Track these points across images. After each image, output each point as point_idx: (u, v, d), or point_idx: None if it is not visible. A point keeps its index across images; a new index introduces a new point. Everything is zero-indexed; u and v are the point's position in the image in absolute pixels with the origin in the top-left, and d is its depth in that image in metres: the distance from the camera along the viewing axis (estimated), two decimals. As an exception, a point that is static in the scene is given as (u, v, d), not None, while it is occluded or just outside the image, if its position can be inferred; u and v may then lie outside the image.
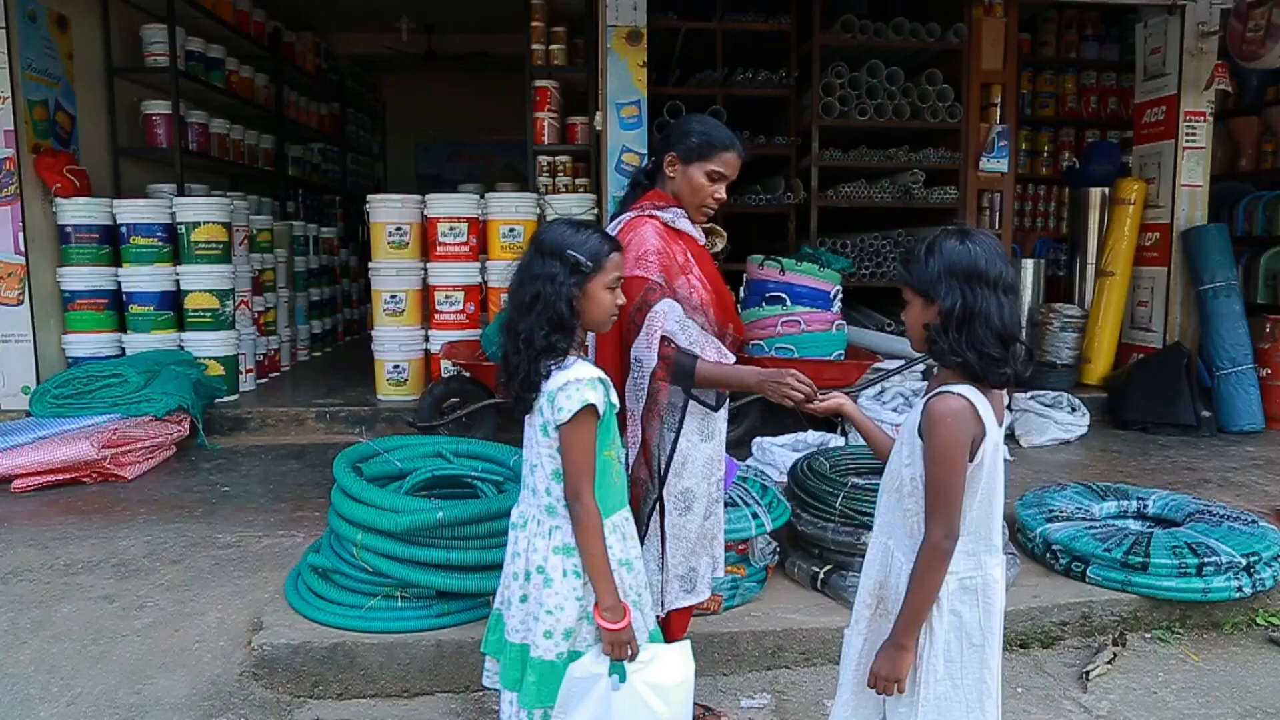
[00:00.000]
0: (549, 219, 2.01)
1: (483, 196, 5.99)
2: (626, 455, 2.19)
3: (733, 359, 2.32)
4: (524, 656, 1.96)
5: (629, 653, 1.90)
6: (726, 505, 3.10)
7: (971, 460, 1.72)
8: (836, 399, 2.11)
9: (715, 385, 2.25)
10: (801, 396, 2.12)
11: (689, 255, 2.31)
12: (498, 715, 2.71)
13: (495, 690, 2.12)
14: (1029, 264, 7.00)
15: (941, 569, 1.72)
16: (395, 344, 5.88)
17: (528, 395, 1.93)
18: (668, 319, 2.19)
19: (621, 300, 2.02)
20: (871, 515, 3.17)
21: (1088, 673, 2.89)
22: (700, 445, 2.31)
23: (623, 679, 1.89)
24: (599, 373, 1.94)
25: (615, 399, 1.97)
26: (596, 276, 1.93)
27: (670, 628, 2.36)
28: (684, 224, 2.35)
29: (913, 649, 1.75)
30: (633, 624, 1.92)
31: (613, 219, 2.42)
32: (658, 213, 2.31)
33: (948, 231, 1.78)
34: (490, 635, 2.09)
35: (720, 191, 2.35)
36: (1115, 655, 3.01)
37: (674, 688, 1.94)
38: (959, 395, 1.70)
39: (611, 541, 1.95)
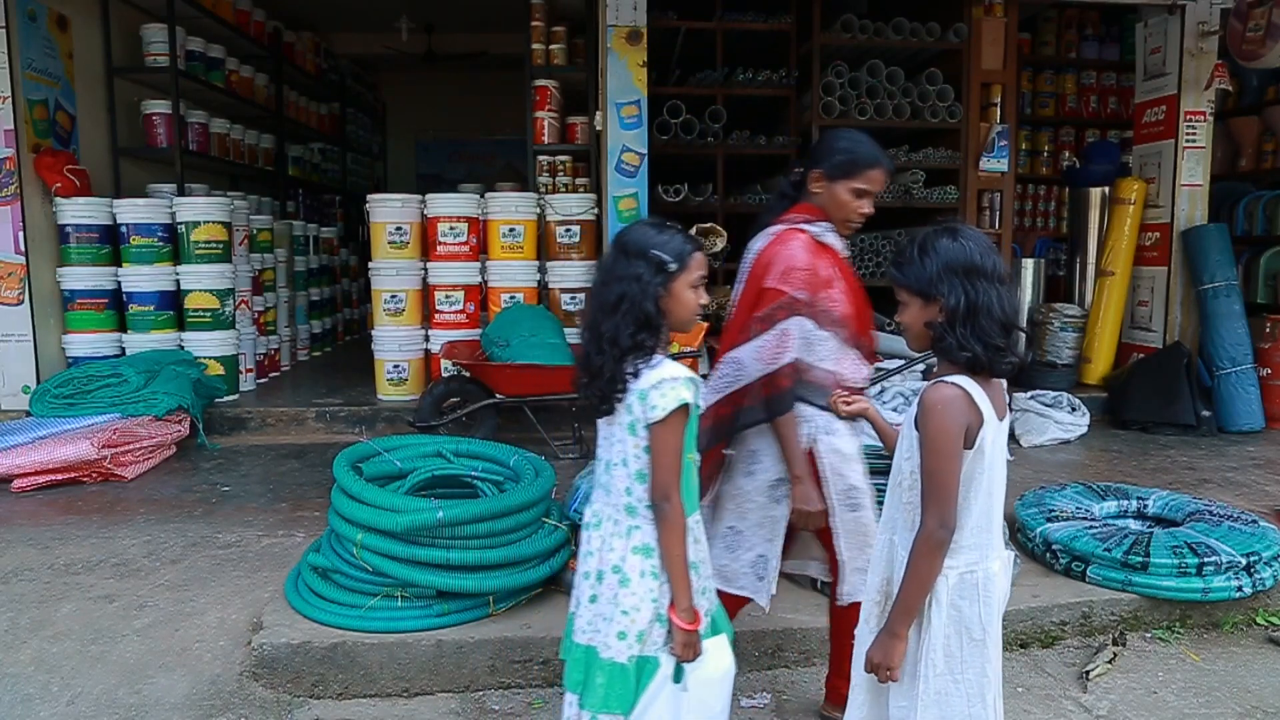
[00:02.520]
0: (629, 226, 2.00)
1: (483, 196, 5.99)
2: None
3: (868, 371, 2.41)
4: (590, 658, 1.92)
5: (693, 655, 1.89)
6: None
7: (971, 448, 1.73)
8: (862, 403, 2.15)
9: (783, 439, 2.30)
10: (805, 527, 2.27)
11: (834, 269, 2.37)
12: (497, 715, 2.72)
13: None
14: (1029, 264, 7.00)
15: (936, 558, 1.73)
16: (395, 344, 5.88)
17: (613, 395, 1.90)
18: (794, 340, 2.26)
19: (705, 300, 2.01)
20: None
21: (1088, 672, 2.89)
22: (851, 439, 2.38)
23: (679, 680, 1.88)
24: (690, 372, 1.92)
25: (702, 401, 1.97)
26: (681, 276, 1.92)
27: (848, 620, 2.31)
28: (830, 238, 2.40)
29: (906, 637, 1.76)
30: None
31: (760, 227, 2.48)
32: (807, 227, 2.36)
33: (936, 230, 1.79)
34: (566, 639, 2.05)
35: (866, 207, 2.39)
36: (1115, 655, 3.01)
37: (721, 679, 1.95)
38: (952, 384, 1.73)
39: (687, 543, 1.94)
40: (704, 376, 4.71)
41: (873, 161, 2.37)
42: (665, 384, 1.85)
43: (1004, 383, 1.85)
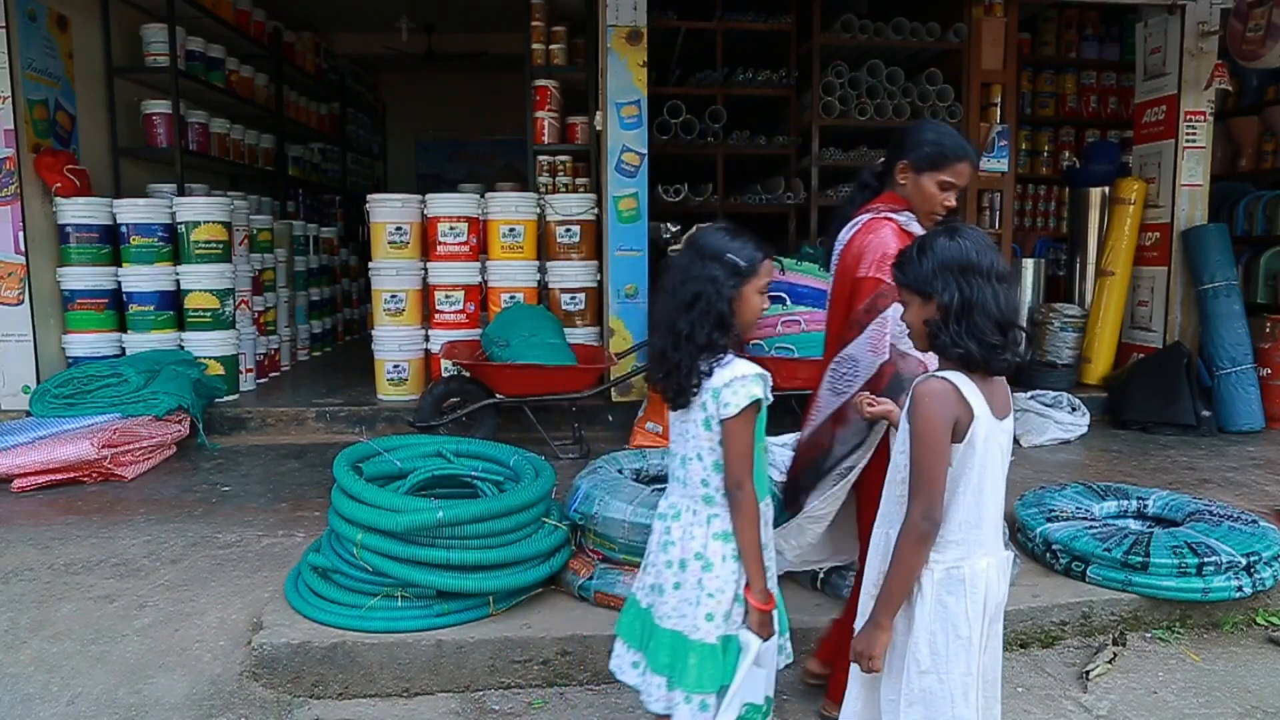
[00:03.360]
0: (705, 230, 2.09)
1: (483, 196, 5.99)
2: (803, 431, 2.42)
3: None
4: (678, 641, 2.01)
5: (769, 634, 2.01)
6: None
7: (960, 443, 1.75)
8: (886, 405, 2.18)
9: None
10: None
11: None
12: (497, 715, 2.72)
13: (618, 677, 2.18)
14: (1029, 264, 7.00)
15: (919, 550, 1.76)
16: (395, 344, 5.88)
17: (688, 389, 1.99)
18: (892, 326, 2.27)
19: (767, 305, 2.09)
20: (871, 515, 3.18)
21: (1088, 673, 2.89)
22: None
23: (756, 660, 2.01)
24: (760, 369, 2.01)
25: (771, 395, 2.06)
26: (752, 280, 2.01)
27: None
28: (915, 227, 2.40)
29: (889, 628, 1.80)
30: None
31: (843, 219, 2.50)
32: (894, 215, 2.39)
33: (936, 230, 1.84)
34: (623, 618, 2.16)
35: (951, 199, 2.41)
36: (1116, 655, 3.01)
37: (769, 650, 2.06)
38: (941, 378, 1.76)
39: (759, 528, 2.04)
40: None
41: (961, 154, 2.39)
42: (737, 382, 1.95)
43: (1005, 381, 1.85)
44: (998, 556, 1.87)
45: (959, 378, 1.76)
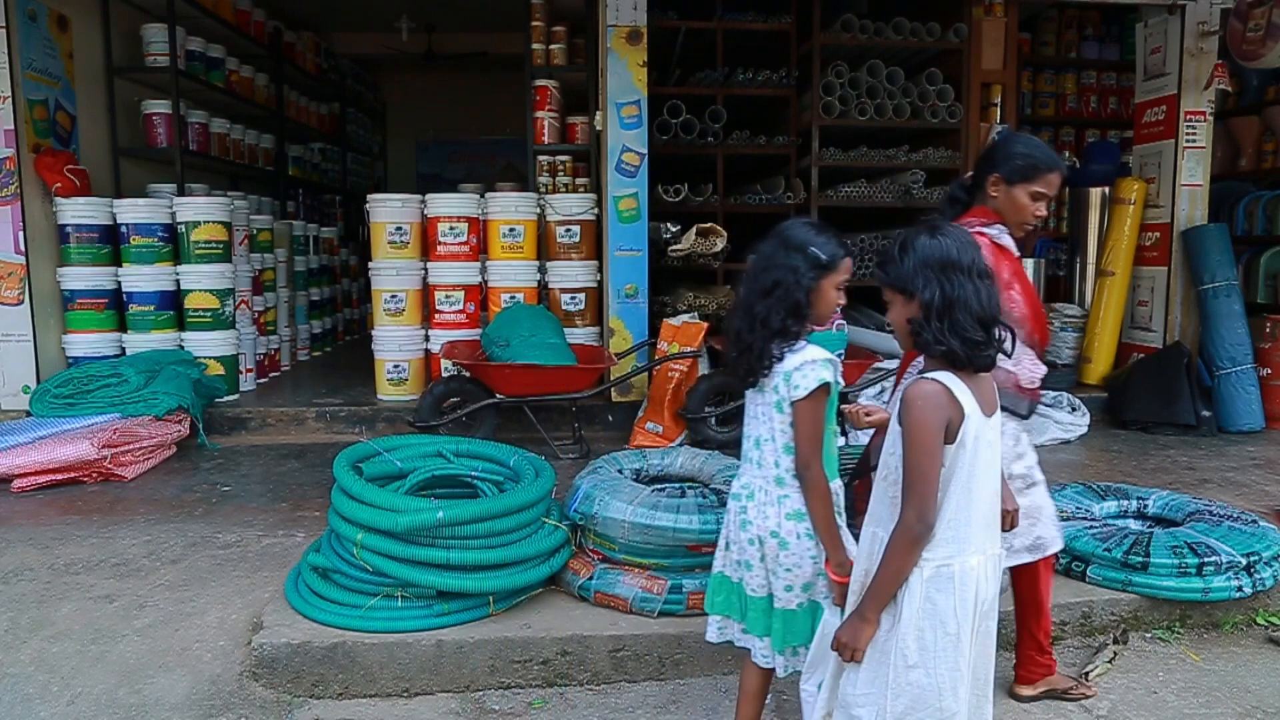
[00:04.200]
0: (792, 222, 2.21)
1: (483, 196, 5.99)
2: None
3: (1044, 370, 2.51)
4: (766, 607, 2.17)
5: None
6: (726, 505, 3.10)
7: (952, 444, 1.77)
8: (880, 413, 2.22)
9: None
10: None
11: (1012, 272, 2.45)
12: (497, 715, 2.72)
13: (723, 644, 2.36)
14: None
15: (912, 551, 1.78)
16: (395, 344, 5.88)
17: (759, 370, 2.08)
18: None
19: (843, 300, 2.16)
20: (872, 515, 3.19)
21: (1087, 673, 2.89)
22: (1022, 435, 2.53)
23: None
24: (830, 354, 2.08)
25: (842, 380, 2.12)
26: (831, 275, 2.09)
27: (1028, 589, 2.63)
28: (1006, 240, 2.49)
29: (875, 622, 1.83)
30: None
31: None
32: (986, 229, 2.44)
33: (918, 229, 1.85)
34: (716, 597, 2.29)
35: (1042, 210, 2.48)
36: (1116, 654, 3.01)
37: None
38: (932, 380, 1.77)
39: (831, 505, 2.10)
40: (704, 376, 4.76)
41: (1051, 166, 2.45)
42: (807, 366, 2.03)
43: (991, 378, 1.87)
44: (989, 553, 1.87)
45: (949, 378, 1.78)
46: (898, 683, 1.80)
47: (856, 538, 2.23)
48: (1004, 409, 2.32)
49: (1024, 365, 2.40)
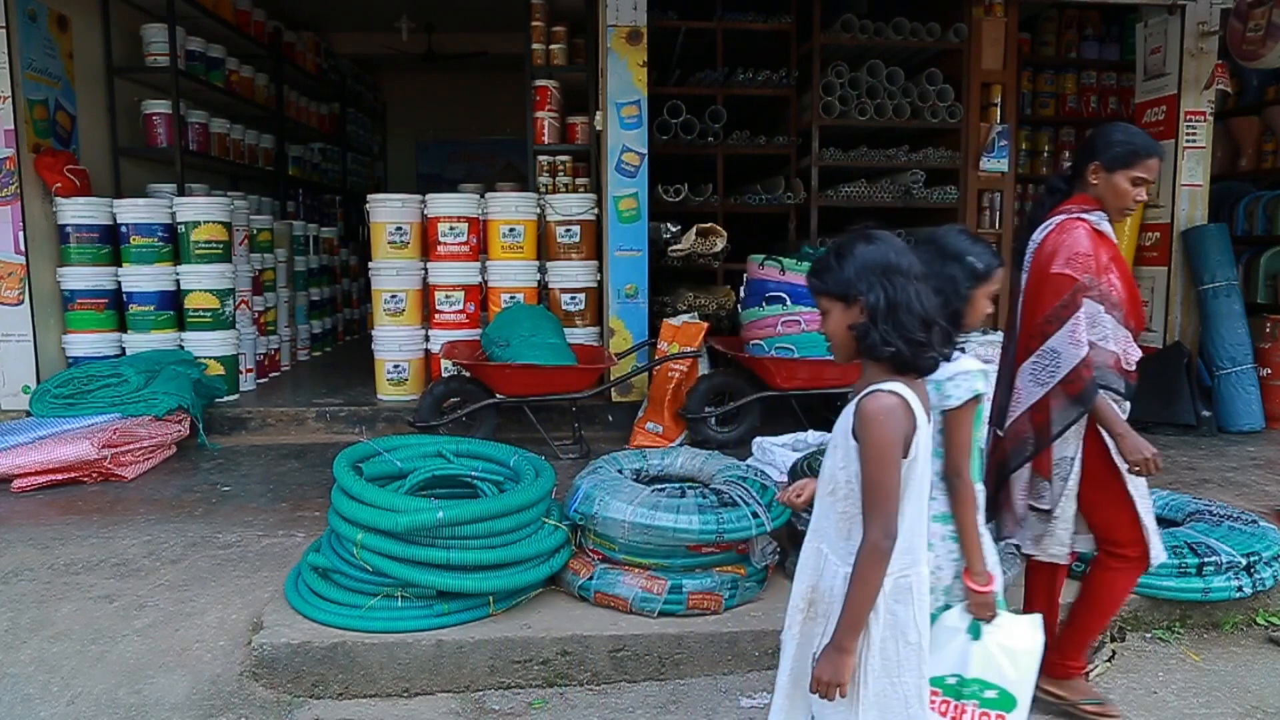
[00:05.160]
0: (946, 231, 2.28)
1: (483, 196, 5.99)
2: (1005, 420, 2.57)
3: (1139, 354, 2.56)
4: None
5: (989, 615, 2.05)
6: (726, 505, 3.10)
7: (905, 457, 1.76)
8: (804, 495, 2.13)
9: (1102, 420, 2.46)
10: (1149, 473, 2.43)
11: (1110, 257, 2.52)
12: (497, 715, 2.72)
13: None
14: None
15: (882, 568, 1.76)
16: (395, 344, 5.88)
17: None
18: (1084, 323, 2.44)
19: (991, 309, 2.21)
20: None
21: (1088, 672, 2.89)
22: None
23: (977, 636, 2.05)
24: (983, 365, 2.10)
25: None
26: (985, 285, 2.15)
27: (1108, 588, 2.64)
28: (1105, 226, 2.56)
29: (854, 651, 1.78)
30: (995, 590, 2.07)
31: (1033, 222, 2.63)
32: (1086, 216, 2.53)
33: (851, 236, 1.85)
34: None
35: (1143, 194, 2.56)
36: (1114, 653, 3.01)
37: (1023, 653, 2.08)
38: (890, 392, 1.75)
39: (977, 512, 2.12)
40: (704, 376, 4.76)
41: (1150, 151, 2.52)
42: (960, 376, 2.04)
43: (924, 381, 1.89)
44: (929, 556, 1.95)
45: (903, 389, 1.76)
46: (866, 697, 1.80)
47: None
48: (1104, 388, 2.44)
49: (1124, 346, 2.49)
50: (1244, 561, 3.18)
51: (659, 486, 3.40)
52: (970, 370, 2.05)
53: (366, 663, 2.81)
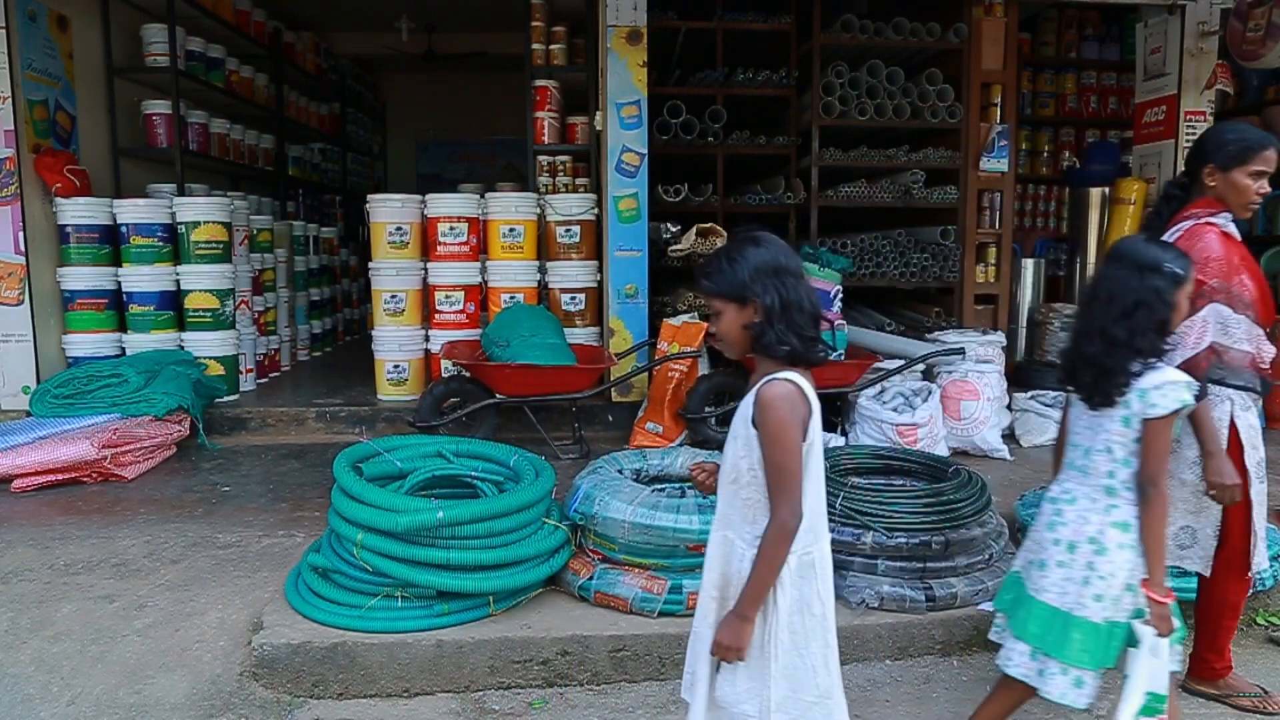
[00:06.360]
0: (1132, 241, 2.32)
1: (483, 196, 5.98)
2: None
3: (1274, 350, 2.61)
4: (1055, 616, 2.17)
5: (1169, 628, 2.11)
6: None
7: (805, 440, 1.84)
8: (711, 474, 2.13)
9: (1198, 418, 2.49)
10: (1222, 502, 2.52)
11: (1240, 257, 2.57)
12: (497, 715, 2.72)
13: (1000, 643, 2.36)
14: (1029, 264, 6.99)
15: (787, 546, 1.83)
16: (395, 344, 5.88)
17: (1114, 390, 2.14)
18: (1211, 327, 2.51)
19: (1188, 308, 2.26)
20: (873, 515, 3.20)
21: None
22: (1256, 417, 2.64)
23: (1153, 651, 2.11)
24: (1187, 377, 2.16)
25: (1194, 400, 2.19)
26: (1184, 288, 2.19)
27: (1236, 593, 2.71)
28: (1231, 227, 2.61)
29: (754, 620, 1.85)
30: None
31: (1152, 229, 2.66)
32: (1213, 219, 2.58)
33: (739, 240, 1.93)
34: (1005, 594, 2.35)
35: (1265, 187, 2.59)
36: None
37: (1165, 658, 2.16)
38: (784, 380, 1.84)
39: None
40: (704, 376, 4.76)
41: (1264, 144, 2.56)
42: (1168, 386, 2.12)
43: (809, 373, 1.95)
44: (828, 535, 2.00)
45: (798, 377, 1.85)
46: (776, 671, 1.87)
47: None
48: (1239, 387, 2.50)
49: (1258, 345, 2.53)
50: (1244, 561, 3.18)
51: (659, 486, 3.40)
52: (1178, 381, 2.12)
53: (366, 663, 2.81)
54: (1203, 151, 2.62)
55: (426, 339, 5.89)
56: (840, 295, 5.27)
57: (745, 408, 1.89)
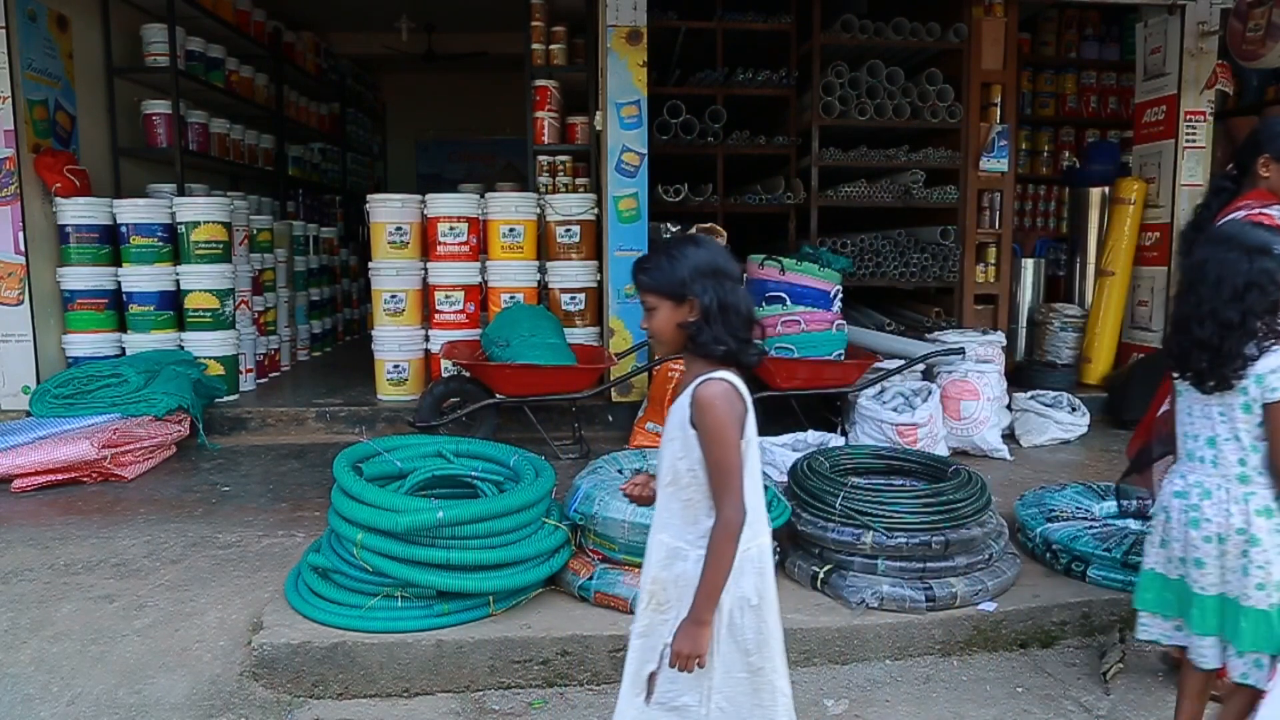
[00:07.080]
0: (1233, 226, 2.34)
1: (483, 196, 5.98)
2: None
3: None
4: (1226, 605, 2.19)
5: None
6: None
7: (742, 438, 1.85)
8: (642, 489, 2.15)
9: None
10: None
11: None
12: (497, 715, 2.72)
13: (1151, 642, 2.44)
14: (1029, 264, 7.00)
15: (735, 543, 1.83)
16: (395, 344, 5.88)
17: (1232, 374, 2.13)
18: None
19: None
20: (873, 515, 3.20)
21: (1105, 673, 2.91)
22: None
23: None
24: None
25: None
26: None
27: None
28: None
29: (711, 624, 1.84)
30: None
31: (1199, 222, 2.67)
32: (1268, 209, 2.56)
33: (679, 240, 1.94)
34: (1146, 594, 2.37)
35: None
36: (1125, 654, 3.02)
37: None
38: (720, 379, 1.84)
39: None
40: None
41: None
42: None
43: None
44: (768, 529, 2.00)
45: (732, 376, 1.85)
46: (717, 664, 1.87)
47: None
48: None
49: None
50: (1244, 561, 3.18)
51: (659, 486, 3.39)
52: None
53: (366, 663, 2.81)
54: (1257, 142, 2.63)
55: (426, 339, 5.89)
56: (840, 295, 5.27)
57: (681, 409, 1.88)
